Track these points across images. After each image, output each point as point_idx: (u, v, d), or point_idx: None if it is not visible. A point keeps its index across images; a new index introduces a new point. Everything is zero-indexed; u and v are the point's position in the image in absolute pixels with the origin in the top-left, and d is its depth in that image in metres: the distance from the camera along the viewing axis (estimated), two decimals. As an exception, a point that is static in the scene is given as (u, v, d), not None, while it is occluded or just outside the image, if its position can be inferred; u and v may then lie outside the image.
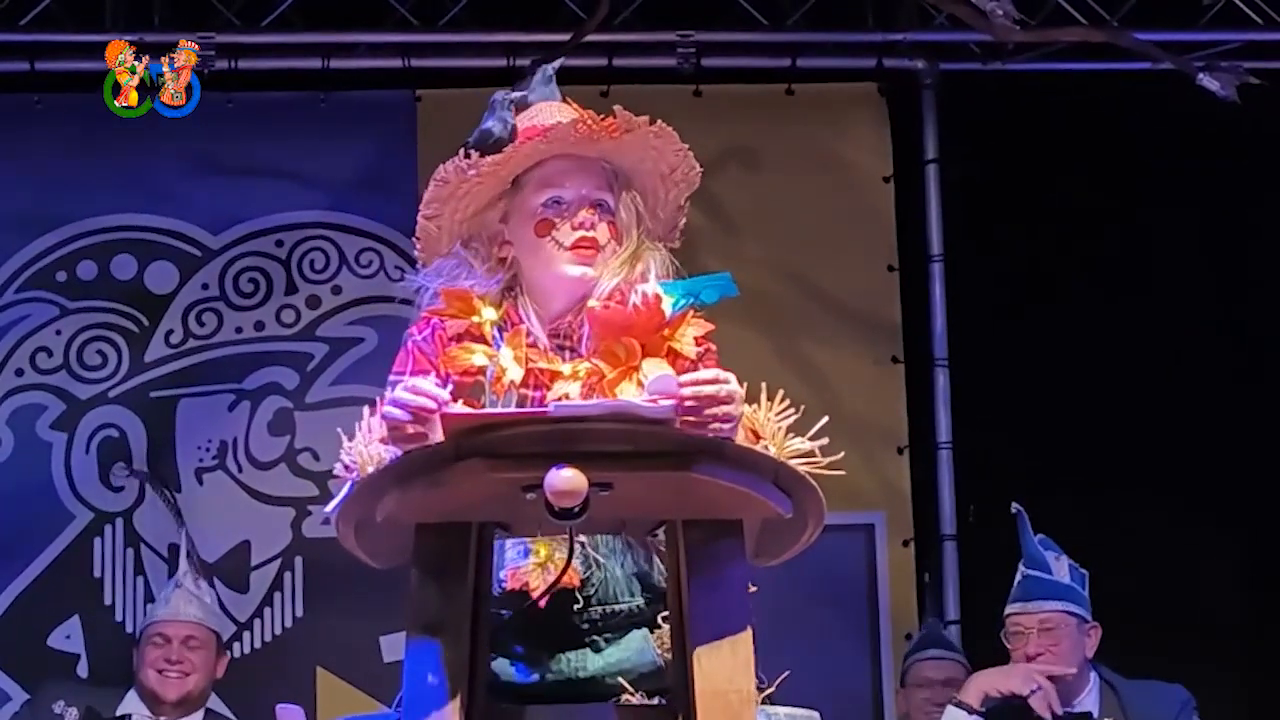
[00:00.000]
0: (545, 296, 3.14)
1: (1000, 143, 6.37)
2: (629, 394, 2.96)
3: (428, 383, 2.91)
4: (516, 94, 3.22)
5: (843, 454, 2.91)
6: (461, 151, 3.11)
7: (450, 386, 3.00)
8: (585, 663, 3.05)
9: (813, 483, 2.82)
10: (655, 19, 6.26)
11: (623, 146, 3.12)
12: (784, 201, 6.38)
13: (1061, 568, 5.12)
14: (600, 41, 5.96)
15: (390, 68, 6.28)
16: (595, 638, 3.05)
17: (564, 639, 3.05)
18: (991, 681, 5.07)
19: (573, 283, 3.11)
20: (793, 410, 2.94)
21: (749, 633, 2.78)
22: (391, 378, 3.08)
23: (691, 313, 3.09)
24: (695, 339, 3.08)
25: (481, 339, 3.09)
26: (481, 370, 3.06)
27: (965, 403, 6.33)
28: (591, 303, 3.08)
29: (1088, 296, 6.39)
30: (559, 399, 3.00)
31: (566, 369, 3.05)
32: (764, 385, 2.96)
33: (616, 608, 3.05)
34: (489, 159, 3.09)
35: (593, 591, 3.04)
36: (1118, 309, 6.36)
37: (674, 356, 3.05)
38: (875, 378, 6.33)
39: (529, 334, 3.10)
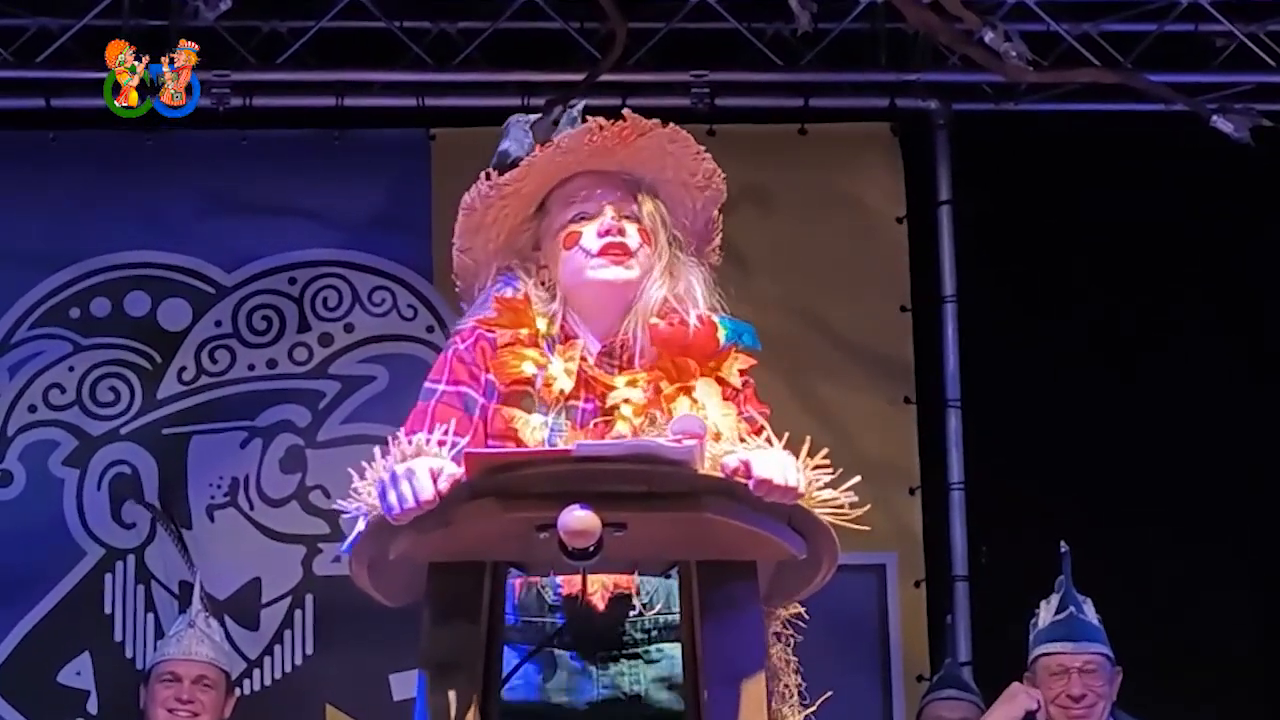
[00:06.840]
0: (589, 310, 3.13)
1: (1013, 184, 6.36)
2: (682, 410, 2.96)
3: (425, 477, 2.72)
4: (533, 117, 3.24)
5: (856, 497, 2.90)
6: (483, 175, 3.12)
7: (495, 398, 3.01)
8: (639, 674, 3.03)
9: (826, 524, 2.81)
10: (670, 59, 6.28)
11: (640, 154, 3.13)
12: (797, 241, 6.37)
13: (1090, 610, 5.14)
14: (615, 81, 5.97)
15: (405, 106, 6.29)
16: (649, 648, 3.03)
17: (619, 648, 3.03)
18: (1004, 714, 5.07)
19: (610, 288, 3.10)
20: (829, 470, 2.87)
21: (762, 675, 2.77)
22: (427, 384, 3.07)
23: (735, 348, 3.11)
24: (739, 372, 3.10)
25: (534, 347, 3.08)
26: (531, 380, 3.06)
27: (977, 443, 6.32)
28: (655, 320, 3.08)
29: (1100, 337, 6.38)
30: (620, 403, 3.00)
31: (622, 380, 3.05)
32: (806, 439, 2.90)
33: (671, 618, 3.02)
34: (509, 175, 3.10)
35: (649, 598, 3.02)
36: (1130, 350, 6.35)
37: (721, 383, 3.07)
38: (888, 418, 6.32)
39: (583, 347, 3.09)
